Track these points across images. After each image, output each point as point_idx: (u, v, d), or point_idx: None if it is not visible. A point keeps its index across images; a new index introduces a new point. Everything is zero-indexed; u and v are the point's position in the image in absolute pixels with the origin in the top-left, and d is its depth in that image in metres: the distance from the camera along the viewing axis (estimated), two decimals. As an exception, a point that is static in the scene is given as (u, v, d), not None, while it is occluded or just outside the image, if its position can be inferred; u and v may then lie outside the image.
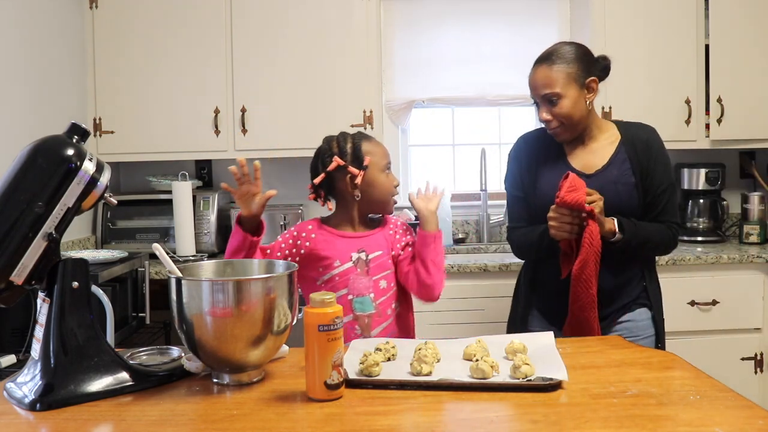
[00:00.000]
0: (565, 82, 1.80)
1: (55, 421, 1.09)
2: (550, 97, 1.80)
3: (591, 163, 1.87)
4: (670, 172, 1.89)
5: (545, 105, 1.82)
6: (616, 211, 1.78)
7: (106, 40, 3.02)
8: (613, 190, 1.81)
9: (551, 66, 1.80)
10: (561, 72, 1.80)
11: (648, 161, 1.85)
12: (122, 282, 2.48)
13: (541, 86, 1.81)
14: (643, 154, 1.85)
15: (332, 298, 1.16)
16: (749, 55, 3.00)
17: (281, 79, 3.03)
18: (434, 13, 3.35)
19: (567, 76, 1.80)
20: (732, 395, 1.13)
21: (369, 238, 1.73)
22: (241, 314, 1.17)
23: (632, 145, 1.86)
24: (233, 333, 1.17)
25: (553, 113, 1.81)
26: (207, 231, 3.06)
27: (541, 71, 1.82)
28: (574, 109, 1.81)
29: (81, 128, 1.22)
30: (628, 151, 1.86)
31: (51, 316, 1.18)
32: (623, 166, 1.85)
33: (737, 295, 2.77)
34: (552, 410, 1.07)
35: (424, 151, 3.52)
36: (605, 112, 2.98)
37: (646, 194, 1.84)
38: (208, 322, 1.17)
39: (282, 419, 1.08)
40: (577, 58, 1.81)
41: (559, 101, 1.80)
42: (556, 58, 1.81)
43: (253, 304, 1.18)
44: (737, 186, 3.37)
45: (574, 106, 1.81)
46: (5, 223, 1.14)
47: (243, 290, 1.17)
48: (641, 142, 1.87)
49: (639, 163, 1.84)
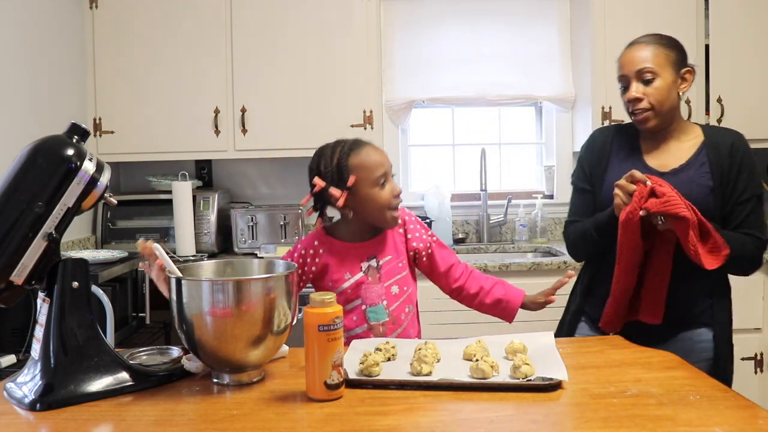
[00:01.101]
0: (663, 62, 1.71)
1: (55, 421, 1.09)
2: (645, 73, 1.70)
3: (667, 162, 1.76)
4: (756, 181, 1.74)
5: (638, 82, 1.71)
6: None
7: (106, 40, 3.02)
8: (687, 190, 1.65)
9: (649, 45, 1.72)
10: (660, 52, 1.71)
11: (731, 167, 1.72)
12: (122, 282, 2.48)
13: (638, 61, 1.71)
14: (726, 160, 1.73)
15: (332, 298, 1.15)
16: (749, 55, 3.00)
17: (281, 79, 3.03)
18: (434, 13, 3.35)
19: (666, 57, 1.71)
20: (732, 395, 1.13)
21: (378, 243, 1.63)
22: (241, 314, 1.17)
23: (715, 148, 1.74)
24: (233, 333, 1.17)
25: (646, 92, 1.70)
26: (207, 231, 3.06)
27: (638, 48, 1.73)
28: (667, 94, 1.71)
29: (81, 128, 1.22)
30: (710, 154, 1.74)
31: (51, 316, 1.18)
32: (702, 168, 1.73)
33: (737, 295, 2.75)
34: (552, 410, 1.07)
35: (424, 151, 3.52)
36: (605, 112, 2.98)
37: (727, 202, 1.71)
38: (207, 322, 1.17)
39: (282, 419, 1.08)
40: (675, 46, 1.74)
41: (655, 80, 1.70)
42: (655, 41, 1.73)
43: (253, 304, 1.18)
44: (737, 186, 3.36)
45: (668, 91, 1.71)
46: (5, 223, 1.14)
47: (243, 290, 1.17)
48: (725, 146, 1.74)
49: (720, 167, 1.72)
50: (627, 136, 1.83)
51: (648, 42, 1.73)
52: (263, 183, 3.42)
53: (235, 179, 3.41)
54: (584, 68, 3.14)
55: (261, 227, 3.10)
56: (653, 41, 1.73)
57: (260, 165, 3.38)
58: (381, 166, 1.56)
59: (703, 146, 1.76)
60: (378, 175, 1.55)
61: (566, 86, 3.31)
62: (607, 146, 1.84)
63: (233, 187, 3.41)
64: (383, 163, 1.57)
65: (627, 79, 1.74)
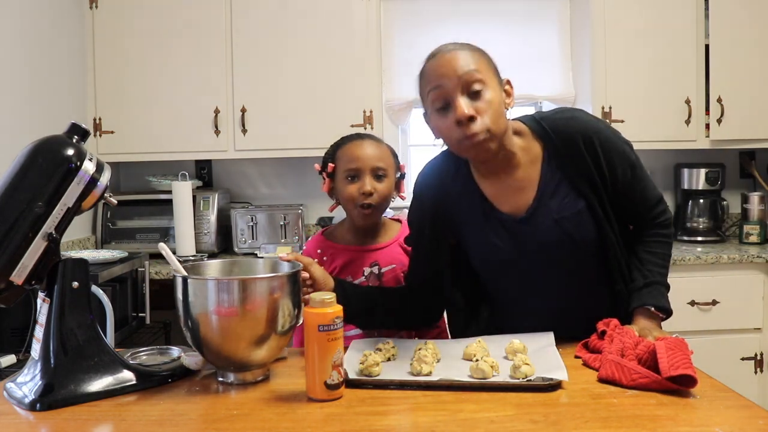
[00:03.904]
0: (486, 68, 1.32)
1: (55, 421, 1.09)
2: (471, 83, 1.28)
3: (518, 202, 1.39)
4: (626, 153, 1.39)
5: (463, 96, 1.28)
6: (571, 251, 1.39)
7: (106, 40, 3.02)
8: (559, 231, 1.37)
9: (462, 50, 1.32)
10: (480, 56, 1.33)
11: (597, 162, 1.36)
12: (122, 282, 2.48)
13: (460, 66, 1.28)
14: (586, 158, 1.36)
15: (332, 298, 1.15)
16: (749, 55, 3.00)
17: (281, 79, 3.03)
18: (434, 13, 3.34)
19: (488, 62, 1.34)
20: (732, 395, 1.13)
21: (382, 251, 1.64)
22: (246, 313, 1.17)
23: (562, 153, 1.37)
24: (238, 332, 1.18)
25: (478, 108, 1.27)
26: (207, 231, 3.06)
27: (454, 53, 1.31)
28: (499, 111, 1.30)
29: (81, 128, 1.22)
30: (561, 165, 1.37)
31: (51, 316, 1.18)
32: (560, 191, 1.38)
33: (737, 295, 2.78)
34: (552, 410, 1.07)
35: (424, 151, 3.52)
36: (605, 112, 2.98)
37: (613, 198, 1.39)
38: (213, 320, 1.17)
39: (282, 419, 1.08)
40: (487, 54, 1.37)
41: (484, 91, 1.28)
42: (467, 45, 1.35)
43: (258, 304, 1.18)
44: (737, 186, 3.37)
45: (499, 105, 1.30)
46: (5, 223, 1.13)
47: (248, 289, 1.18)
48: (575, 142, 1.36)
49: (583, 173, 1.37)
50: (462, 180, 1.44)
51: (461, 46, 1.34)
52: (263, 183, 3.42)
53: (235, 179, 3.41)
54: (584, 68, 3.14)
55: (261, 227, 3.10)
56: (465, 46, 1.34)
57: (260, 165, 3.38)
58: (355, 161, 1.57)
59: (548, 159, 1.38)
60: (348, 167, 1.58)
61: (566, 86, 3.31)
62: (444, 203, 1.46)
63: (233, 187, 3.41)
64: (359, 159, 1.57)
65: (444, 95, 1.29)
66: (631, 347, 1.22)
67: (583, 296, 1.45)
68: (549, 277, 1.43)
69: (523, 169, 1.39)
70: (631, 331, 1.30)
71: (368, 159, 1.58)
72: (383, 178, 1.60)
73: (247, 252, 3.11)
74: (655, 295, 1.40)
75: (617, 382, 1.17)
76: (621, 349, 1.23)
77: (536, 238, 1.40)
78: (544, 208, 1.39)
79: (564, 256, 1.40)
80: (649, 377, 1.14)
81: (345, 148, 1.62)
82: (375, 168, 1.58)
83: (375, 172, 1.58)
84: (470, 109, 1.28)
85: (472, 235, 1.45)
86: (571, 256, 1.41)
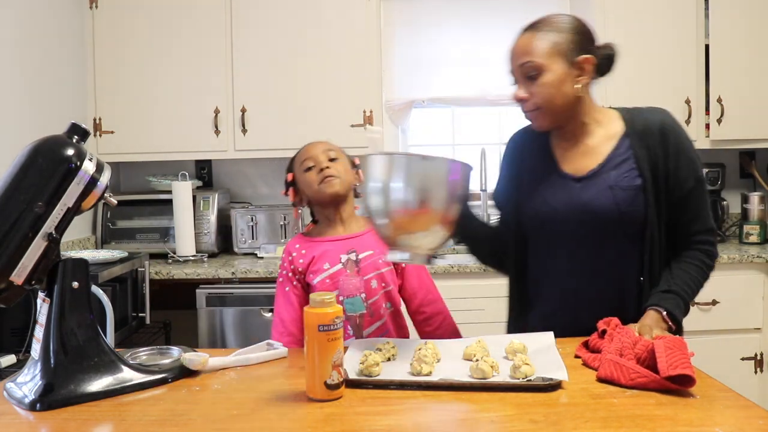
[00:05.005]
0: (548, 53, 1.43)
1: (55, 421, 1.09)
2: (528, 68, 1.44)
3: (582, 164, 1.51)
4: (695, 163, 1.47)
5: (522, 80, 1.47)
6: (615, 224, 1.46)
7: (106, 40, 3.03)
8: (610, 198, 1.45)
9: (533, 33, 1.46)
10: (545, 41, 1.44)
11: (666, 155, 1.45)
12: (122, 282, 2.49)
13: (519, 54, 1.46)
14: (659, 147, 1.46)
15: (332, 298, 1.16)
16: (749, 55, 3.00)
17: (281, 79, 3.03)
18: (434, 13, 3.35)
19: (553, 46, 1.43)
20: (732, 395, 1.13)
21: (359, 238, 1.71)
22: None
23: (640, 136, 1.48)
24: None
25: (531, 91, 1.45)
26: (207, 231, 3.06)
27: (522, 38, 1.47)
28: (556, 89, 1.44)
29: (81, 128, 1.22)
30: (634, 145, 1.48)
31: (51, 316, 1.18)
32: (625, 164, 1.47)
33: (737, 295, 2.78)
34: (552, 410, 1.07)
35: (424, 151, 3.52)
36: (605, 112, 2.98)
37: (669, 197, 1.46)
38: None
39: (282, 419, 1.08)
40: (570, 29, 1.46)
41: (540, 76, 1.43)
42: (544, 25, 1.46)
43: None
44: (737, 186, 3.37)
45: (557, 85, 1.43)
46: (5, 223, 1.14)
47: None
48: (653, 131, 1.47)
49: (651, 159, 1.46)
50: (541, 139, 1.58)
51: (535, 29, 1.47)
52: (263, 183, 3.42)
53: (235, 179, 3.41)
54: (584, 68, 3.14)
55: (261, 227, 3.10)
56: (543, 26, 1.47)
57: (260, 165, 3.38)
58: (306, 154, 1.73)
59: (625, 137, 1.50)
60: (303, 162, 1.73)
61: (566, 86, 3.31)
62: (518, 153, 1.63)
63: (233, 187, 3.41)
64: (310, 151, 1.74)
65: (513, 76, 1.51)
66: (630, 346, 1.22)
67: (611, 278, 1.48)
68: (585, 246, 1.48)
69: (596, 138, 1.52)
70: (630, 330, 1.30)
71: (318, 149, 1.73)
72: (337, 161, 1.72)
73: (247, 252, 3.11)
74: (672, 302, 1.42)
75: (616, 382, 1.17)
76: (620, 348, 1.23)
77: (586, 198, 1.47)
78: (604, 175, 1.48)
79: (607, 225, 1.46)
80: (648, 377, 1.14)
81: (297, 155, 1.77)
82: (326, 153, 1.72)
83: (327, 156, 1.72)
84: (522, 92, 1.47)
85: (529, 188, 1.56)
86: (613, 228, 1.46)
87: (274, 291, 1.71)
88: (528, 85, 1.45)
